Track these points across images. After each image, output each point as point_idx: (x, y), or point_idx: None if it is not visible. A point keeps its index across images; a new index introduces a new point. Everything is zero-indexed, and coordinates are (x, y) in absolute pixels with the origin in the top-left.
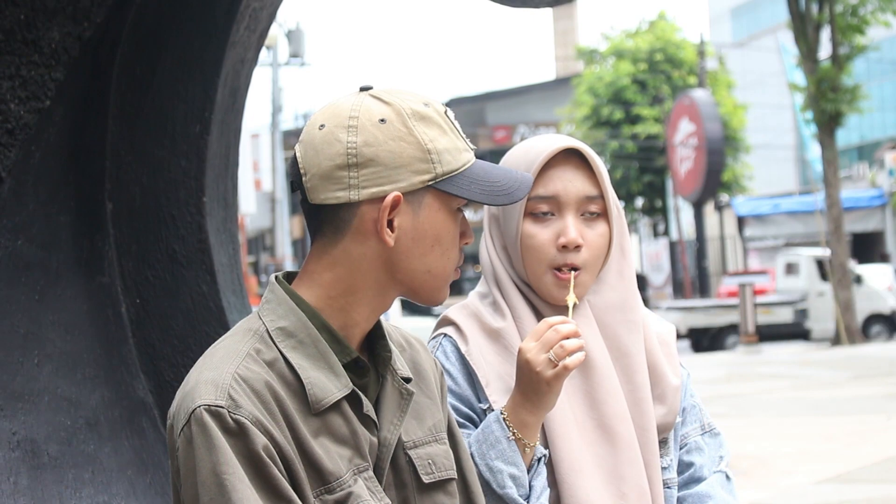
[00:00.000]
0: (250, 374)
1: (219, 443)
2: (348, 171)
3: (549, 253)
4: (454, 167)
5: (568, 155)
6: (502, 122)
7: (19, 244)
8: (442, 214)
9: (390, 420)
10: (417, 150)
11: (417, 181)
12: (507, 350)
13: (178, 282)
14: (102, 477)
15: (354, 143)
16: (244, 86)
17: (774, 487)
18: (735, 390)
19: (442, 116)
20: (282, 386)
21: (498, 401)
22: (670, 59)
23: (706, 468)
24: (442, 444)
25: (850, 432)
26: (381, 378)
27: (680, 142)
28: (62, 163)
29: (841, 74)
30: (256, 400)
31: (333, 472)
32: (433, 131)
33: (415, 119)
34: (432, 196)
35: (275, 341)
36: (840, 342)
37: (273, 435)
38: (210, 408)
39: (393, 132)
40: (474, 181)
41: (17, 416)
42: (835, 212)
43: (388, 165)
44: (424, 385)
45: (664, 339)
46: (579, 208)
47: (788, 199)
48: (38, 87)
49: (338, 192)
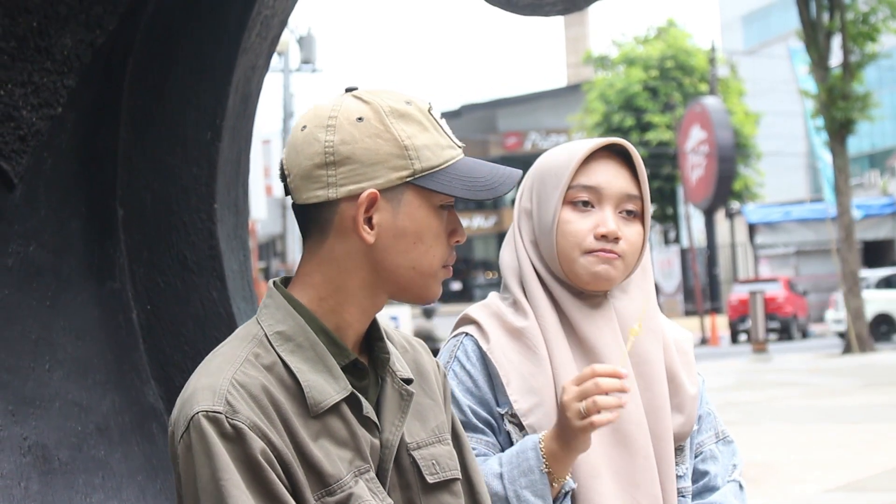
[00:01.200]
0: (248, 379)
1: (216, 449)
2: (326, 169)
3: (586, 239)
4: (434, 163)
5: (611, 153)
6: (513, 129)
7: (31, 250)
8: (423, 211)
9: (391, 421)
10: (394, 146)
11: (395, 178)
12: (530, 349)
13: (189, 288)
14: (112, 482)
15: (332, 142)
16: (255, 92)
17: (784, 495)
18: (745, 398)
19: (424, 114)
20: (280, 390)
21: (519, 400)
22: (681, 67)
23: (720, 477)
24: (445, 444)
25: (860, 440)
26: (381, 380)
27: (691, 149)
28: (74, 169)
29: (852, 82)
30: (254, 405)
31: (333, 475)
32: (412, 128)
33: (393, 116)
34: (412, 193)
35: (273, 345)
36: (851, 350)
37: (271, 439)
38: (208, 413)
39: (370, 130)
40: (456, 177)
41: (29, 421)
42: (846, 219)
43: (364, 163)
44: (427, 386)
45: (682, 346)
46: (618, 204)
47: (799, 207)
48: (50, 93)
49: (318, 190)
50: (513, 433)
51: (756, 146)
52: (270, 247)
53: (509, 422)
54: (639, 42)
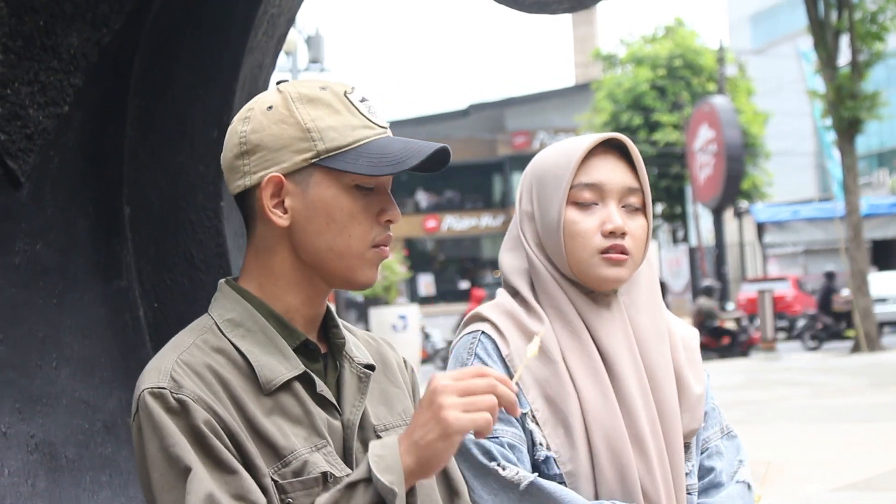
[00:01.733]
0: (193, 359)
1: (163, 422)
2: (242, 159)
3: (595, 239)
4: (340, 144)
5: (609, 148)
6: (522, 128)
7: (38, 248)
8: (332, 191)
9: (351, 402)
10: (297, 130)
11: (299, 160)
12: (545, 355)
13: (196, 286)
14: (120, 480)
15: (245, 132)
16: (262, 91)
17: (791, 494)
18: (753, 397)
19: (338, 97)
20: (230, 370)
21: (539, 409)
22: (689, 66)
23: (725, 473)
24: None
25: (868, 440)
26: (339, 365)
27: (699, 148)
28: (80, 168)
29: (860, 81)
30: (199, 380)
31: (286, 447)
32: (319, 111)
33: (300, 102)
34: (320, 174)
35: (224, 332)
36: (859, 349)
37: (216, 411)
38: (153, 390)
39: (276, 116)
40: (364, 156)
41: (36, 419)
42: (854, 218)
43: (271, 148)
44: (391, 376)
45: (687, 343)
46: (621, 199)
47: (808, 206)
48: (56, 92)
49: (238, 180)
50: (535, 432)
51: (764, 145)
52: None
53: (531, 420)
54: (647, 41)
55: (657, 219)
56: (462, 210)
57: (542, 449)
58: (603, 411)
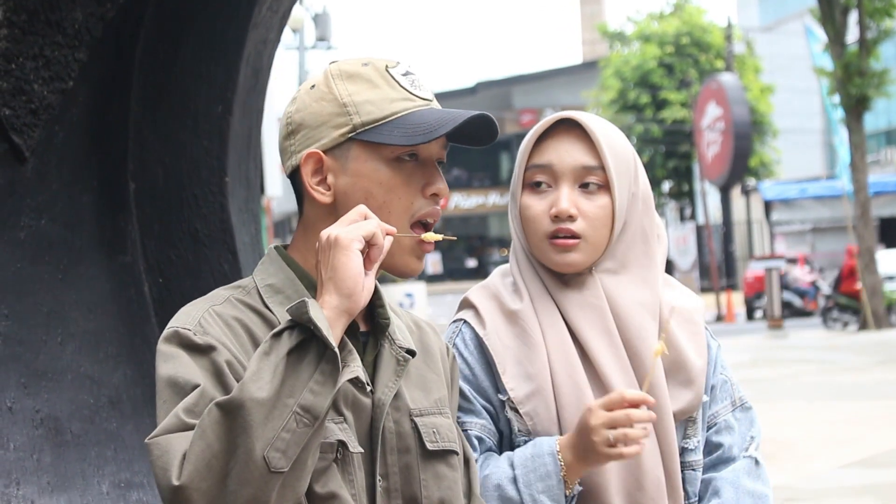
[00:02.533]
0: (224, 311)
1: (177, 353)
2: (289, 139)
3: (544, 223)
4: (376, 116)
5: (569, 126)
6: (529, 106)
7: (43, 223)
8: (370, 165)
9: (385, 383)
10: (334, 105)
11: (337, 135)
12: (525, 333)
13: (201, 261)
14: (125, 455)
15: (290, 113)
16: (266, 66)
17: (799, 471)
18: (760, 375)
19: (379, 72)
20: (262, 329)
21: (515, 388)
22: (697, 43)
23: (735, 447)
24: (446, 417)
25: (875, 417)
26: (380, 345)
27: (707, 126)
28: (85, 143)
29: (868, 58)
30: (227, 330)
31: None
32: (357, 86)
33: (340, 78)
34: (358, 148)
35: (263, 297)
36: (867, 327)
37: (238, 357)
38: (179, 329)
39: (317, 94)
40: (400, 127)
41: (41, 394)
42: (862, 196)
43: (312, 126)
44: (432, 363)
45: (690, 316)
46: (576, 179)
47: (815, 184)
48: (61, 67)
49: (287, 161)
50: (513, 420)
51: (772, 123)
52: (286, 224)
53: (509, 408)
54: (654, 18)
55: (663, 197)
56: (469, 188)
57: (522, 435)
58: (569, 387)
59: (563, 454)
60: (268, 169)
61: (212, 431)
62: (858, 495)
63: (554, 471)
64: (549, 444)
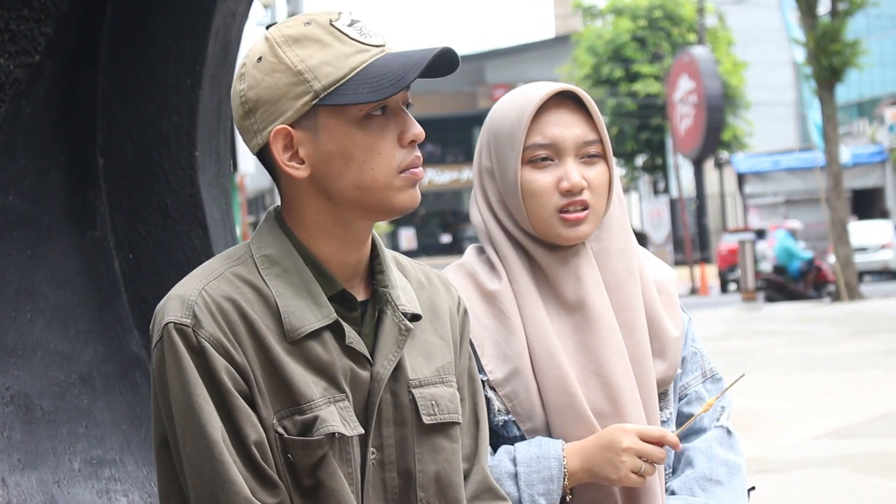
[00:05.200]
0: (217, 291)
1: (186, 363)
2: (248, 118)
3: (553, 197)
4: (337, 77)
5: (562, 99)
6: (502, 81)
7: (10, 199)
8: (341, 129)
9: (385, 355)
10: (289, 75)
11: (299, 105)
12: (503, 314)
13: (171, 236)
14: (96, 431)
15: (244, 91)
16: (236, 40)
17: (773, 442)
18: (734, 347)
19: (325, 28)
20: (258, 308)
21: (494, 370)
22: (669, 16)
23: (706, 418)
24: (449, 386)
25: (848, 388)
26: (380, 313)
27: (679, 99)
28: (53, 118)
29: (841, 29)
30: (220, 318)
31: (305, 395)
32: (307, 49)
33: (286, 45)
34: (325, 114)
35: (259, 268)
36: (840, 298)
37: (234, 357)
38: (177, 325)
39: (267, 67)
40: (363, 81)
41: (10, 371)
42: (834, 168)
43: (271, 102)
44: (438, 325)
45: (664, 287)
46: (578, 152)
47: (788, 156)
48: (27, 41)
49: (251, 140)
50: (493, 399)
51: (745, 96)
52: (259, 200)
53: (489, 388)
54: None
55: (636, 171)
56: (443, 163)
57: (501, 414)
58: (549, 367)
59: (569, 460)
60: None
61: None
62: (832, 466)
63: (557, 475)
64: (556, 448)
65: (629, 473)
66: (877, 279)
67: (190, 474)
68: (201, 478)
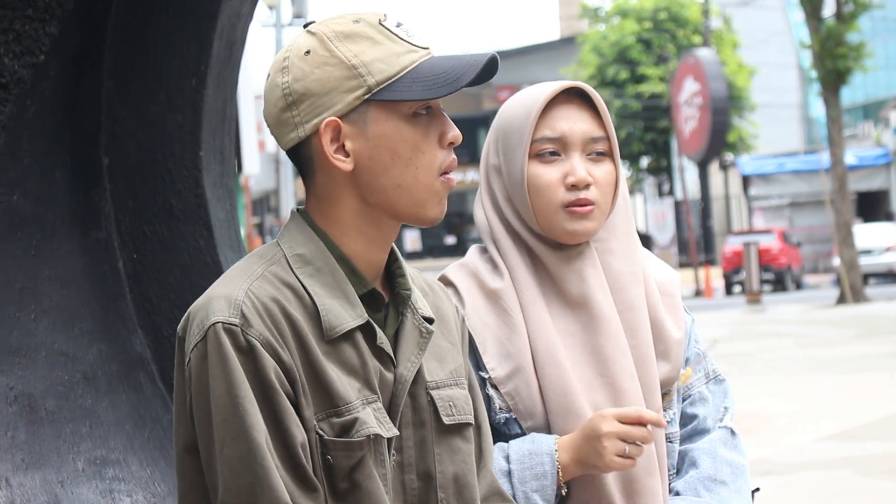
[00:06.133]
0: (263, 292)
1: (233, 364)
2: (290, 111)
3: (558, 192)
4: (389, 74)
5: (571, 96)
6: (507, 83)
7: (14, 199)
8: (391, 125)
9: (408, 357)
10: (342, 69)
11: (352, 99)
12: (506, 312)
13: (175, 236)
14: (100, 431)
15: (287, 83)
16: (240, 40)
17: (777, 444)
18: (738, 349)
19: (374, 27)
20: (297, 307)
21: (496, 368)
22: (675, 18)
23: (710, 419)
24: (462, 388)
25: (852, 390)
26: (401, 315)
27: (684, 101)
28: (57, 118)
29: (846, 32)
30: (268, 319)
31: (343, 397)
32: (360, 46)
33: (338, 40)
34: (376, 109)
35: (292, 267)
36: (844, 301)
37: (282, 357)
38: (225, 325)
39: (317, 60)
40: (417, 80)
41: (14, 370)
42: (839, 170)
43: (319, 94)
44: (446, 330)
45: (667, 288)
46: (585, 148)
47: (793, 159)
48: (32, 41)
49: (290, 133)
50: (494, 398)
51: (750, 98)
52: (264, 202)
53: (490, 386)
54: None
55: (641, 172)
56: None
57: (502, 412)
58: (551, 366)
59: (561, 455)
60: (245, 147)
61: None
62: (836, 468)
63: (550, 471)
64: (549, 443)
65: (614, 458)
66: (881, 281)
67: (226, 478)
68: (239, 481)
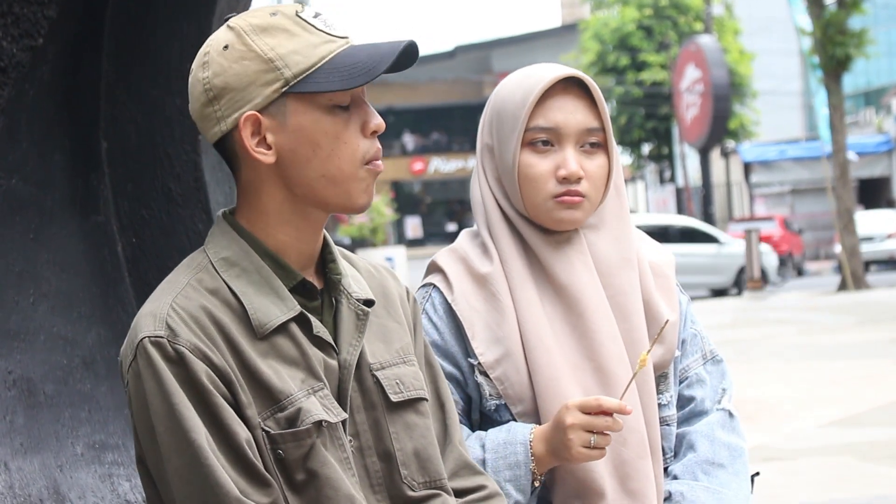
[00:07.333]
0: (188, 301)
1: (164, 375)
2: (211, 105)
3: (549, 184)
4: (306, 65)
5: (568, 84)
6: (508, 69)
7: (13, 183)
8: (310, 116)
9: (348, 342)
10: (259, 63)
11: (269, 92)
12: (495, 297)
13: (174, 220)
14: (99, 416)
15: (208, 78)
16: None
17: (779, 431)
18: (740, 336)
19: (292, 19)
20: (225, 311)
21: (485, 353)
22: (676, 5)
23: (707, 400)
24: (410, 365)
25: (854, 377)
26: (336, 301)
27: (686, 88)
28: (56, 102)
29: (847, 18)
30: (194, 325)
31: (283, 391)
32: (276, 38)
33: (254, 34)
34: (294, 101)
35: (218, 271)
36: (846, 288)
37: (213, 360)
38: (151, 339)
39: (235, 55)
40: (334, 70)
41: (13, 355)
42: (840, 158)
43: (238, 88)
44: (392, 310)
45: (661, 270)
46: (579, 140)
47: (795, 146)
48: (30, 24)
49: (213, 128)
50: (483, 384)
51: (751, 85)
52: None
53: (479, 373)
54: None
55: (643, 159)
56: (449, 152)
57: (493, 399)
58: (540, 351)
59: (536, 446)
60: None
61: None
62: (838, 454)
63: (524, 461)
64: (524, 433)
65: (580, 449)
66: (883, 269)
67: (178, 487)
68: (190, 487)
